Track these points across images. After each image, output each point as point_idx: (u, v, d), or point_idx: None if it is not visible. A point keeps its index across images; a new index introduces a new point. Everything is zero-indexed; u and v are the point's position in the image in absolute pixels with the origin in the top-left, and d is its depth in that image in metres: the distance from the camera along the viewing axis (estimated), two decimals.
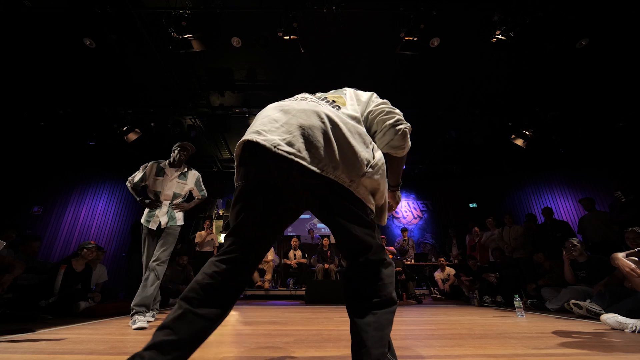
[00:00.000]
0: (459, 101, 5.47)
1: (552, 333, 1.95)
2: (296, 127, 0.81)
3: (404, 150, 1.03)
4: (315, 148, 0.79)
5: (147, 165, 2.83)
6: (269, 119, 0.86)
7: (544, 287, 3.67)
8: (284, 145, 0.78)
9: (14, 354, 1.41)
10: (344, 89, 1.12)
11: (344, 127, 0.84)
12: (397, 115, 1.00)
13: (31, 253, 3.33)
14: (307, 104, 0.87)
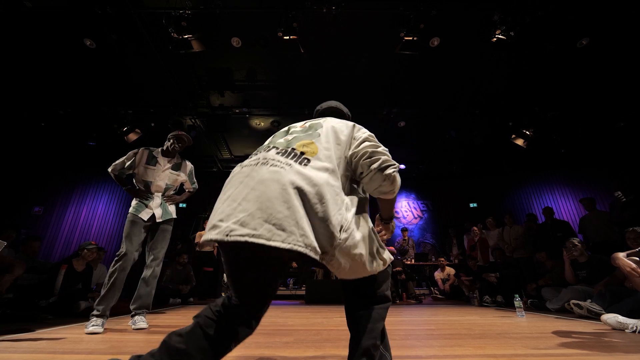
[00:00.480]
0: (459, 101, 5.47)
1: (552, 333, 1.95)
2: (253, 202, 0.74)
3: (393, 193, 0.96)
4: (277, 220, 0.71)
5: (137, 152, 2.58)
6: (229, 201, 0.78)
7: (544, 287, 3.66)
8: (237, 228, 0.71)
9: (14, 353, 1.41)
10: (322, 123, 1.01)
11: (310, 192, 0.77)
12: (382, 157, 0.93)
13: (31, 253, 3.34)
14: (268, 171, 0.79)
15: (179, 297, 4.54)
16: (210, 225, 0.78)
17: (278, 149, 0.90)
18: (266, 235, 0.69)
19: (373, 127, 5.96)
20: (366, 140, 0.98)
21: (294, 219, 0.72)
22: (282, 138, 0.98)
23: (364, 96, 5.43)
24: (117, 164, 2.54)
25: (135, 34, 3.92)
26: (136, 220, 2.41)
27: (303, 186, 0.77)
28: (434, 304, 4.63)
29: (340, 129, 1.00)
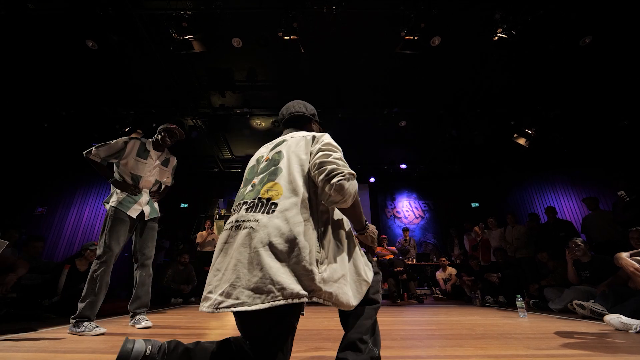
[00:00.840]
0: (460, 100, 5.45)
1: (555, 334, 1.94)
2: (232, 271, 0.82)
3: (346, 203, 0.91)
4: (254, 284, 0.78)
5: (127, 141, 2.33)
6: (214, 271, 0.88)
7: (546, 287, 3.64)
8: (223, 299, 0.80)
9: (17, 352, 1.42)
10: (282, 151, 1.03)
11: (280, 244, 0.82)
12: (330, 166, 0.91)
13: (34, 253, 3.36)
14: (240, 236, 0.86)
15: (180, 296, 4.56)
16: (203, 296, 0.86)
17: (247, 202, 0.94)
18: (248, 301, 0.77)
19: (374, 126, 5.96)
20: (319, 151, 0.98)
21: (268, 277, 0.78)
22: (255, 179, 1.02)
23: (364, 96, 5.43)
24: (100, 150, 2.24)
25: (136, 35, 3.94)
26: (123, 218, 2.23)
27: (272, 240, 0.83)
28: (435, 304, 4.62)
29: (299, 150, 1.02)
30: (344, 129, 6.28)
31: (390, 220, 8.79)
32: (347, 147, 6.66)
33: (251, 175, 1.07)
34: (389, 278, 5.16)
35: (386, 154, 7.70)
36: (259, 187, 0.96)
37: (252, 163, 1.15)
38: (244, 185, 1.08)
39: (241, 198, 1.00)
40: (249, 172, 1.11)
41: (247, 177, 1.10)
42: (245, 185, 1.07)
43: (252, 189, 0.98)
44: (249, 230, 0.85)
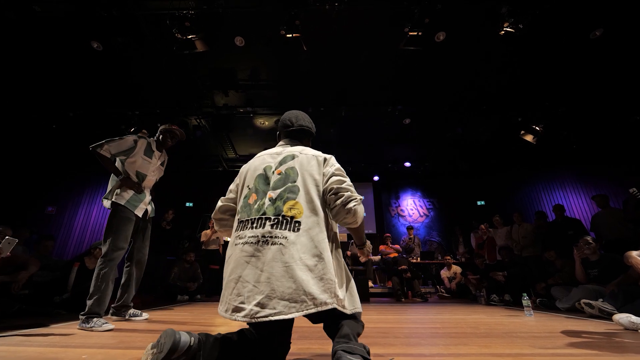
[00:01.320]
0: (465, 97, 5.39)
1: (561, 333, 1.92)
2: (266, 284, 0.92)
3: (356, 224, 1.10)
4: (289, 295, 0.89)
5: (137, 139, 2.35)
6: (242, 282, 0.95)
7: (553, 286, 3.59)
8: (259, 310, 0.89)
9: (29, 346, 1.46)
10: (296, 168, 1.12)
11: (309, 260, 0.95)
12: (346, 192, 1.06)
13: (45, 252, 3.44)
14: (271, 251, 0.95)
15: (186, 294, 4.61)
16: (232, 306, 0.94)
17: (271, 219, 1.01)
18: (284, 310, 0.88)
19: (377, 124, 5.92)
20: (333, 175, 1.12)
21: (301, 289, 0.90)
22: (270, 193, 1.08)
23: (368, 93, 5.40)
24: (111, 145, 2.26)
25: (140, 36, 3.98)
26: (130, 217, 2.25)
27: (302, 256, 0.95)
28: (440, 303, 4.60)
29: (311, 169, 1.12)
30: (348, 127, 6.26)
31: (394, 219, 8.76)
32: (351, 145, 6.70)
33: (262, 186, 1.12)
34: (393, 276, 5.14)
35: (390, 152, 7.66)
36: (279, 203, 1.04)
37: (258, 171, 1.17)
38: (254, 192, 1.12)
39: (259, 211, 1.05)
40: (257, 181, 1.14)
41: (256, 186, 1.13)
42: (256, 193, 1.11)
43: (272, 204, 1.04)
44: (279, 247, 0.95)
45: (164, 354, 0.81)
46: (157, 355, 0.82)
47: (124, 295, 2.41)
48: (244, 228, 1.05)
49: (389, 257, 5.77)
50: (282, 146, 1.29)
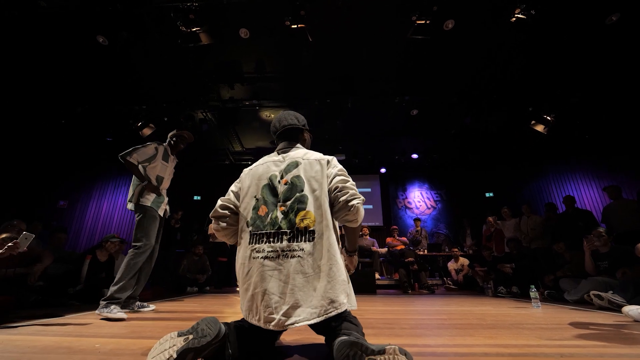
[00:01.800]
0: (474, 87, 5.26)
1: (569, 324, 1.90)
2: (290, 295, 1.00)
3: (357, 222, 1.17)
4: (311, 304, 0.99)
5: (157, 147, 2.57)
6: (269, 294, 1.02)
7: (562, 278, 3.55)
8: (285, 319, 0.98)
9: (45, 336, 1.52)
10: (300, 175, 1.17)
11: (325, 265, 1.04)
12: (350, 190, 1.13)
13: (58, 244, 3.54)
14: (291, 264, 1.03)
15: (196, 285, 4.72)
16: (263, 317, 1.01)
17: (287, 233, 1.08)
18: (308, 317, 0.97)
19: (384, 116, 5.83)
20: (337, 175, 1.18)
21: (320, 296, 0.99)
22: (280, 206, 1.13)
23: (374, 84, 5.32)
24: (139, 153, 2.46)
25: (145, 30, 3.98)
26: (156, 216, 2.51)
27: (319, 263, 1.03)
28: (446, 294, 4.60)
29: (316, 174, 1.17)
30: (354, 119, 6.21)
31: (401, 211, 8.73)
32: (358, 137, 6.63)
33: (270, 197, 1.16)
34: (400, 268, 5.15)
35: (397, 143, 7.58)
36: (291, 216, 1.10)
37: (263, 180, 1.20)
38: (263, 204, 1.16)
39: (274, 225, 1.11)
40: (265, 192, 1.18)
41: (264, 197, 1.17)
42: (266, 205, 1.15)
43: (285, 217, 1.11)
44: (298, 259, 1.04)
45: (209, 339, 0.88)
46: (200, 340, 0.88)
47: (138, 287, 2.52)
48: (260, 241, 1.10)
49: (396, 249, 5.78)
50: (282, 151, 1.31)
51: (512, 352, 1.21)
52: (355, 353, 0.79)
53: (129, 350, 1.22)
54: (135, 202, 2.46)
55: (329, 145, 7.27)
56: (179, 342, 0.89)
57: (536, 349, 1.27)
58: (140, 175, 2.49)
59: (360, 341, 0.82)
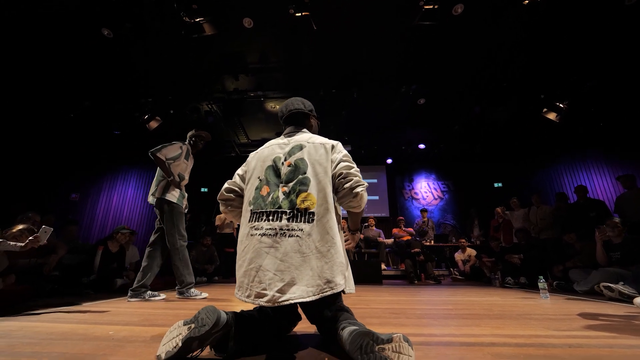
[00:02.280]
0: (484, 74, 5.11)
1: (578, 315, 1.88)
2: (287, 272, 1.00)
3: (360, 208, 1.20)
4: (306, 282, 0.99)
5: (182, 146, 2.78)
6: (263, 270, 1.02)
7: (572, 269, 3.51)
8: (280, 295, 0.98)
9: (62, 323, 1.57)
10: (304, 158, 1.17)
11: (324, 247, 1.03)
12: (354, 177, 1.14)
13: (70, 236, 3.65)
14: (289, 243, 1.03)
15: (205, 275, 4.82)
16: (254, 292, 1.02)
17: (287, 213, 1.08)
18: (303, 294, 0.98)
19: (391, 105, 5.71)
20: (341, 161, 1.18)
21: (317, 275, 1.00)
22: (282, 186, 1.14)
23: (381, 73, 5.22)
24: (168, 150, 2.66)
25: (148, 21, 3.95)
26: (182, 211, 2.74)
27: (317, 245, 1.03)
28: (453, 285, 4.60)
29: (320, 158, 1.17)
30: (360, 109, 6.13)
31: (407, 202, 8.69)
32: (363, 128, 6.55)
33: (273, 178, 1.17)
34: (406, 259, 5.16)
35: (404, 134, 7.48)
36: (292, 197, 1.10)
37: (268, 162, 1.21)
38: (266, 185, 1.17)
39: (274, 204, 1.11)
40: (268, 173, 1.19)
41: (267, 178, 1.18)
42: (268, 186, 1.16)
43: (286, 198, 1.11)
44: (296, 239, 1.03)
45: (207, 328, 0.88)
46: (200, 329, 0.88)
47: (144, 277, 2.58)
48: (260, 219, 1.10)
49: (402, 240, 5.78)
50: (288, 135, 1.32)
51: (519, 342, 1.21)
52: (368, 343, 0.80)
53: (141, 337, 1.26)
54: (158, 196, 2.62)
55: (335, 136, 7.22)
56: (184, 331, 0.91)
57: (544, 339, 1.26)
58: (168, 171, 2.65)
59: (370, 331, 0.83)
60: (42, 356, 1.00)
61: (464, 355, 1.04)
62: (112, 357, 0.99)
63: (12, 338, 1.24)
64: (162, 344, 0.95)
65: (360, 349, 0.79)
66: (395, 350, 0.79)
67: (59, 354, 1.03)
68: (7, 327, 1.46)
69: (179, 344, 0.90)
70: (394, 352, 0.79)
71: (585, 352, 1.08)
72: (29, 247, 1.91)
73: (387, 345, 0.79)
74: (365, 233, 6.24)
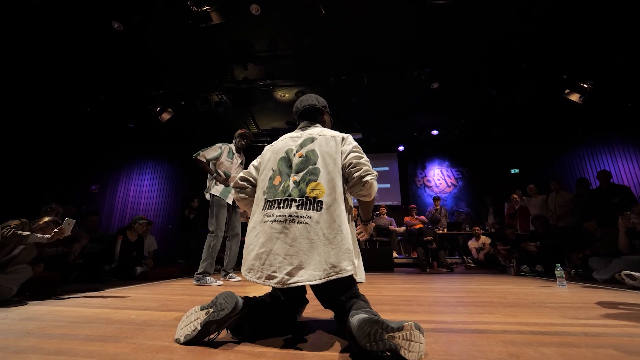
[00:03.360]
0: (501, 54, 4.86)
1: (596, 304, 1.83)
2: (295, 257, 1.05)
3: (370, 197, 1.22)
4: (313, 266, 1.03)
5: (222, 147, 3.19)
6: (273, 255, 1.08)
7: (591, 257, 3.40)
8: (289, 278, 1.04)
9: (87, 308, 1.67)
10: (315, 150, 1.22)
11: (330, 234, 1.07)
12: (364, 167, 1.18)
13: (92, 226, 3.81)
14: (298, 229, 1.08)
15: (220, 264, 4.96)
16: (265, 274, 1.08)
17: (296, 200, 1.13)
18: (310, 278, 1.02)
19: (402, 91, 5.54)
20: (351, 152, 1.22)
21: (324, 261, 1.04)
22: (293, 176, 1.19)
23: (392, 57, 5.06)
24: (206, 152, 3.06)
25: (156, 12, 3.94)
26: (224, 204, 3.03)
27: (325, 232, 1.07)
28: (466, 273, 4.56)
29: (330, 149, 1.22)
30: (371, 95, 6.00)
31: (420, 190, 8.57)
32: (375, 114, 6.40)
33: (285, 168, 1.23)
34: (418, 247, 5.14)
35: (416, 119, 7.29)
36: (302, 185, 1.15)
37: (281, 154, 1.27)
38: (278, 175, 1.23)
39: (285, 193, 1.17)
40: (281, 164, 1.25)
41: (279, 169, 1.24)
42: (280, 175, 1.22)
43: (296, 187, 1.16)
44: (305, 225, 1.08)
45: (226, 312, 0.94)
46: (219, 313, 0.94)
47: (227, 263, 3.20)
48: (271, 207, 1.16)
49: (414, 228, 5.74)
50: (301, 129, 1.38)
51: (533, 330, 1.19)
52: (377, 331, 0.80)
53: (160, 322, 1.32)
54: (206, 191, 3.07)
55: (345, 123, 7.12)
56: (202, 315, 0.96)
57: (559, 328, 1.23)
58: (210, 169, 3.08)
59: (380, 319, 0.83)
60: (70, 338, 1.07)
61: (475, 342, 1.04)
62: (133, 340, 1.04)
63: (42, 321, 1.33)
64: (179, 328, 1.00)
65: (368, 336, 0.79)
66: (406, 338, 0.79)
67: (85, 336, 1.09)
68: (37, 311, 1.56)
69: (198, 327, 0.95)
70: (405, 340, 0.79)
71: (603, 341, 1.06)
72: (55, 238, 2.03)
73: (397, 334, 0.79)
74: (376, 221, 6.22)
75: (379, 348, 0.78)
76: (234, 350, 0.94)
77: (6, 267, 1.96)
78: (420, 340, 0.81)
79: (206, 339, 0.98)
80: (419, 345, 0.81)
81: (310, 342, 1.04)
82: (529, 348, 0.97)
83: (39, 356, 0.88)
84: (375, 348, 0.78)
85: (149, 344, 1.00)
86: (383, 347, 0.78)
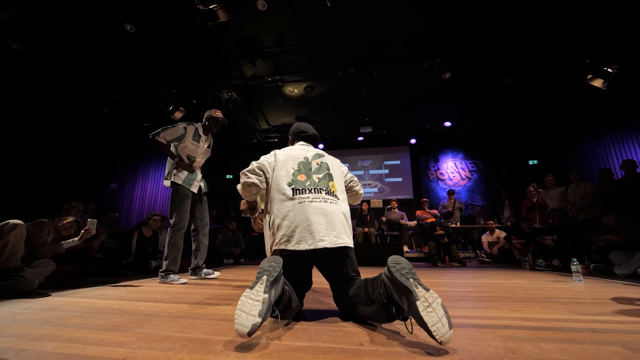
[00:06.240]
0: (517, 40, 4.64)
1: (611, 299, 1.76)
2: (337, 224, 1.34)
3: (357, 202, 1.78)
4: (346, 232, 1.37)
5: (186, 127, 2.66)
6: (317, 224, 1.30)
7: (612, 251, 3.23)
8: (336, 239, 1.30)
9: (102, 299, 1.77)
10: (327, 163, 1.56)
11: (347, 214, 1.45)
12: (359, 185, 1.75)
13: (110, 222, 4.00)
14: (331, 206, 1.38)
15: (231, 257, 5.10)
16: (310, 239, 1.28)
17: (323, 190, 1.43)
18: (347, 240, 1.34)
19: (413, 82, 5.42)
20: (349, 172, 1.73)
21: (348, 229, 1.40)
22: (314, 175, 1.48)
23: (401, 48, 4.94)
24: (166, 133, 2.59)
25: (165, 13, 4.02)
26: (188, 194, 2.68)
27: (344, 212, 1.43)
28: (478, 267, 4.47)
29: (336, 165, 1.61)
30: (380, 88, 5.90)
31: (433, 183, 8.41)
32: (385, 107, 6.29)
33: (306, 170, 1.49)
34: (430, 241, 5.07)
35: (428, 111, 7.13)
36: (324, 182, 1.47)
37: (299, 159, 1.53)
38: (302, 173, 1.48)
39: (313, 184, 1.44)
40: (300, 166, 1.50)
41: (301, 169, 1.49)
42: (304, 174, 1.47)
43: (320, 182, 1.46)
44: (335, 204, 1.40)
45: (280, 268, 1.07)
46: (275, 269, 1.04)
47: (196, 258, 2.83)
48: (304, 193, 1.39)
49: (426, 222, 5.65)
50: (305, 146, 1.67)
51: (537, 326, 1.16)
52: (408, 272, 0.98)
53: (167, 313, 1.38)
54: (169, 179, 2.67)
55: (354, 117, 7.05)
56: (258, 288, 0.95)
57: (565, 324, 1.20)
58: (171, 153, 2.67)
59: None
60: (83, 327, 1.14)
61: (473, 336, 1.03)
62: (139, 329, 1.10)
63: (61, 311, 1.42)
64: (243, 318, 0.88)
65: (397, 270, 0.99)
66: (428, 303, 0.87)
67: (96, 325, 1.17)
68: (58, 301, 1.67)
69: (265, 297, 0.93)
70: (425, 302, 0.88)
71: (610, 338, 1.02)
72: (84, 239, 2.17)
73: (421, 291, 0.90)
74: (387, 215, 6.18)
75: (400, 278, 0.95)
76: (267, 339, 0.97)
77: (31, 261, 2.10)
78: (439, 314, 0.85)
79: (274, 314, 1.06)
80: (435, 316, 0.85)
81: (325, 324, 1.05)
82: (529, 343, 0.95)
83: (54, 343, 0.95)
84: (397, 276, 0.96)
85: (154, 333, 1.05)
86: (403, 280, 0.94)
